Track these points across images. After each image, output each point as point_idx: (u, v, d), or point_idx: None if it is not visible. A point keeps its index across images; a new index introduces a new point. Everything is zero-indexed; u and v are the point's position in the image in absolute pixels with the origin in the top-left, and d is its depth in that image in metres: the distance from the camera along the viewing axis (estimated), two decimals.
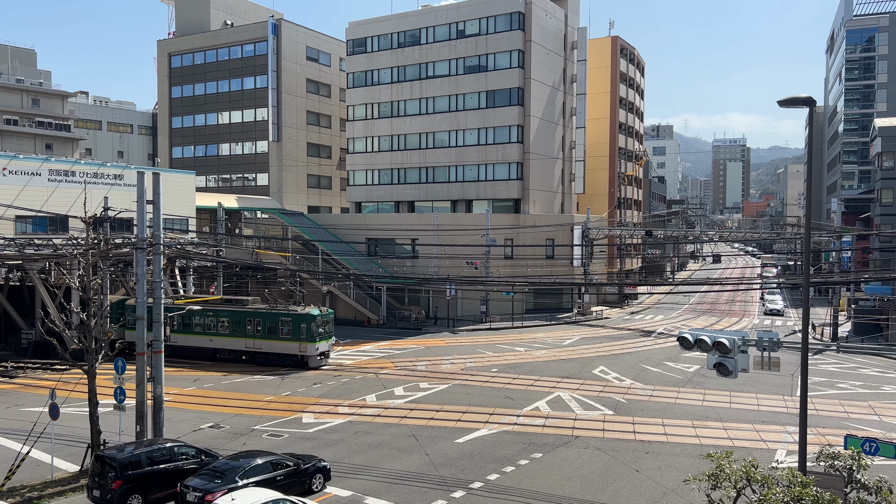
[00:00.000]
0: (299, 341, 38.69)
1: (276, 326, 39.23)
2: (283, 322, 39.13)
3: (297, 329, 38.62)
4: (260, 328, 39.69)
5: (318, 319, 38.78)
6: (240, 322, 40.27)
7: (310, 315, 38.74)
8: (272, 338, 39.32)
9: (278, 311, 39.67)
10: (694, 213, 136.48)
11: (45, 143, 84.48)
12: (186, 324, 41.12)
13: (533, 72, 63.11)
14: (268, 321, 39.51)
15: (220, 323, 40.85)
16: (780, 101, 16.12)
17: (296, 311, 39.22)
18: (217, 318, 40.91)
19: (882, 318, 52.31)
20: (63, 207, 39.14)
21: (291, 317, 38.91)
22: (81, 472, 21.48)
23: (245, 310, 40.48)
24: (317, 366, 39.05)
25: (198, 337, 41.22)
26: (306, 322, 38.57)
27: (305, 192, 75.13)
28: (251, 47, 73.72)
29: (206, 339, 41.18)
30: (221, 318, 40.83)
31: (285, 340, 39.06)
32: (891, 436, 25.21)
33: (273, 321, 39.35)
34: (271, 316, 39.51)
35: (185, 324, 41.10)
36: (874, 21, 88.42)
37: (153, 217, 23.32)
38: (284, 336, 39.04)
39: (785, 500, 12.39)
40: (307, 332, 38.55)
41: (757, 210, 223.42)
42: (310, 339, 38.54)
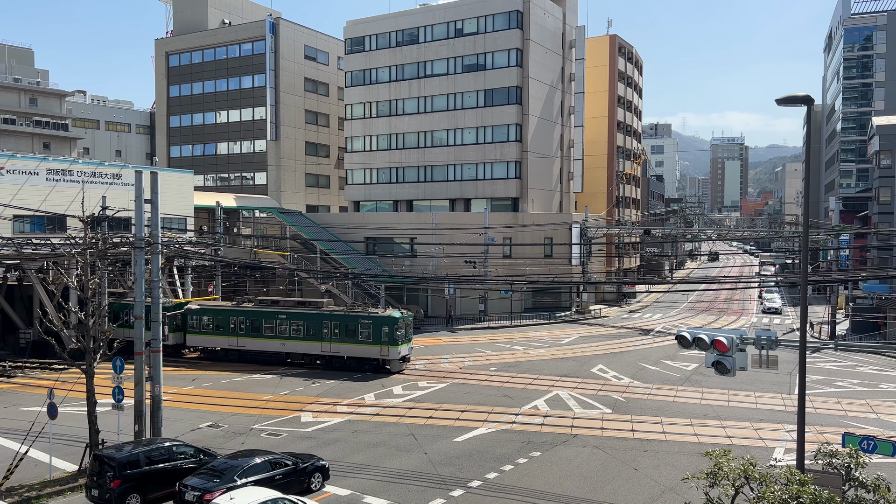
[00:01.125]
0: (380, 345, 36.91)
1: (356, 329, 37.47)
2: (362, 325, 37.36)
3: (378, 332, 36.87)
4: (337, 331, 37.95)
5: (400, 322, 37.06)
6: (315, 325, 38.56)
7: (391, 317, 37.10)
8: (350, 341, 37.60)
9: (357, 313, 38.08)
10: (692, 212, 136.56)
11: (42, 142, 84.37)
12: (256, 327, 39.72)
13: (531, 70, 63.09)
14: (346, 324, 37.81)
15: (292, 326, 39.13)
16: (779, 100, 16.12)
17: (376, 314, 37.71)
18: (290, 321, 39.20)
19: (880, 317, 52.38)
20: (61, 207, 39.09)
21: (372, 319, 37.22)
22: (80, 472, 21.47)
23: (320, 312, 38.77)
24: (398, 370, 37.39)
25: (268, 341, 39.64)
26: (388, 325, 36.84)
27: (304, 191, 75.09)
28: (249, 46, 73.65)
29: (277, 343, 39.49)
30: (294, 322, 39.12)
31: (365, 344, 37.29)
32: (889, 434, 25.26)
33: (352, 324, 37.63)
34: (350, 318, 37.83)
35: (255, 327, 39.74)
36: (872, 19, 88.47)
37: (151, 216, 23.30)
38: (364, 339, 37.29)
39: (783, 498, 12.41)
40: (389, 335, 36.75)
41: (755, 208, 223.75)
42: (391, 342, 36.73)
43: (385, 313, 37.82)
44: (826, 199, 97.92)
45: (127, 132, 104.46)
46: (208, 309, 41.44)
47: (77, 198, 26.71)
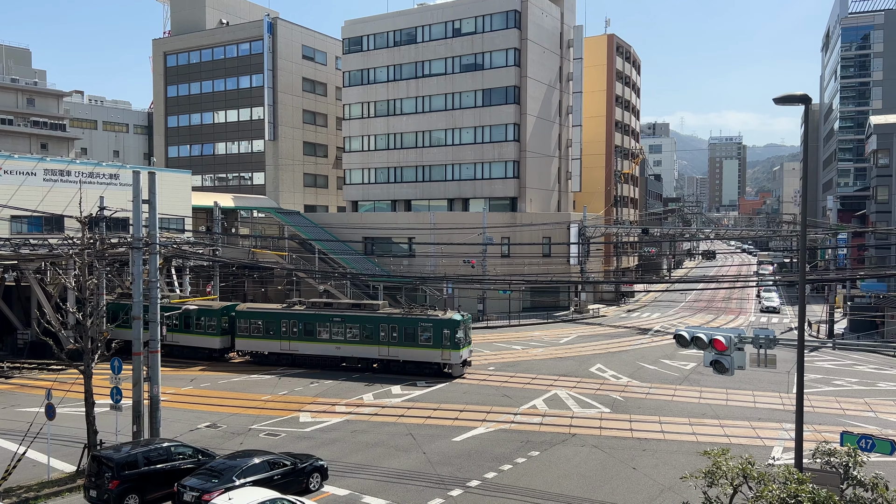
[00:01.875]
0: (441, 348, 35.60)
1: (415, 332, 36.18)
2: (422, 328, 36.03)
3: (439, 335, 35.57)
4: (396, 335, 36.62)
5: (461, 324, 35.82)
6: (372, 328, 37.25)
7: (453, 320, 35.73)
8: (410, 345, 36.30)
9: (416, 315, 36.70)
10: (690, 211, 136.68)
11: (40, 142, 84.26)
12: (309, 331, 38.57)
13: (529, 70, 63.11)
14: (405, 327, 36.49)
15: (348, 329, 37.87)
16: (776, 99, 16.14)
17: (436, 316, 36.32)
18: (345, 323, 37.94)
19: (878, 315, 52.44)
20: (59, 207, 39.00)
21: (432, 322, 35.91)
22: (78, 473, 21.44)
23: (377, 315, 37.41)
24: (459, 374, 36.15)
25: (322, 344, 38.39)
26: (449, 328, 35.48)
27: (302, 191, 75.06)
28: (247, 46, 73.61)
29: (332, 347, 38.20)
30: (350, 324, 37.84)
31: (425, 348, 36.01)
32: (887, 432, 25.29)
33: (411, 327, 36.32)
34: (409, 321, 36.49)
35: (308, 330, 38.61)
36: (869, 18, 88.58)
37: (149, 216, 23.27)
38: (424, 343, 36.00)
39: (781, 497, 12.42)
40: (450, 338, 35.46)
41: (753, 208, 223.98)
42: (453, 345, 35.38)
43: (445, 315, 36.54)
44: (824, 197, 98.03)
45: (125, 132, 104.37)
46: (258, 312, 40.33)
47: (75, 198, 26.67)
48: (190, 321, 41.17)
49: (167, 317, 40.97)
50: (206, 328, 41.06)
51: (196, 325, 41.18)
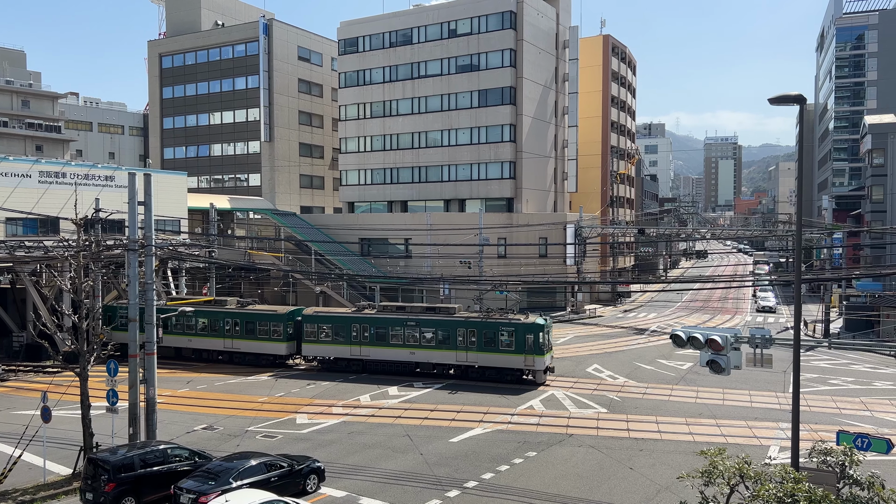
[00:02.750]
0: (524, 354, 34.15)
1: (495, 337, 34.77)
2: (503, 332, 34.64)
3: (522, 340, 34.13)
4: (475, 339, 35.24)
5: (545, 328, 34.50)
6: (448, 333, 35.85)
7: (536, 324, 34.36)
8: (490, 350, 34.89)
9: (497, 319, 35.40)
10: (686, 211, 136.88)
11: (35, 144, 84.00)
12: (381, 335, 37.20)
13: (525, 71, 63.16)
14: (484, 331, 35.15)
15: (423, 334, 36.46)
16: (771, 99, 16.16)
17: (518, 320, 35.03)
18: (420, 328, 36.49)
19: (873, 315, 52.57)
20: (54, 209, 38.93)
21: (514, 326, 34.55)
22: (74, 475, 21.39)
23: (454, 319, 36.12)
24: (542, 381, 34.75)
25: (395, 349, 36.97)
26: (533, 332, 34.09)
27: (298, 192, 74.98)
28: (242, 47, 73.52)
29: (405, 352, 36.70)
30: (425, 329, 36.39)
31: (506, 353, 34.52)
32: (883, 431, 25.35)
33: (491, 331, 34.97)
34: (488, 325, 35.18)
35: (380, 335, 37.23)
36: (864, 19, 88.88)
37: (145, 218, 23.23)
38: (505, 348, 34.53)
39: (778, 497, 12.43)
40: (534, 343, 33.97)
41: (749, 207, 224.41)
42: (537, 351, 33.93)
43: (528, 320, 35.11)
44: (819, 197, 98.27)
45: (120, 134, 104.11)
46: (327, 316, 39.06)
47: (70, 200, 26.63)
48: (253, 327, 39.81)
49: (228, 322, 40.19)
50: (270, 334, 39.50)
51: (260, 331, 39.69)
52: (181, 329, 41.38)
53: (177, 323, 40.98)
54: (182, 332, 41.43)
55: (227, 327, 40.46)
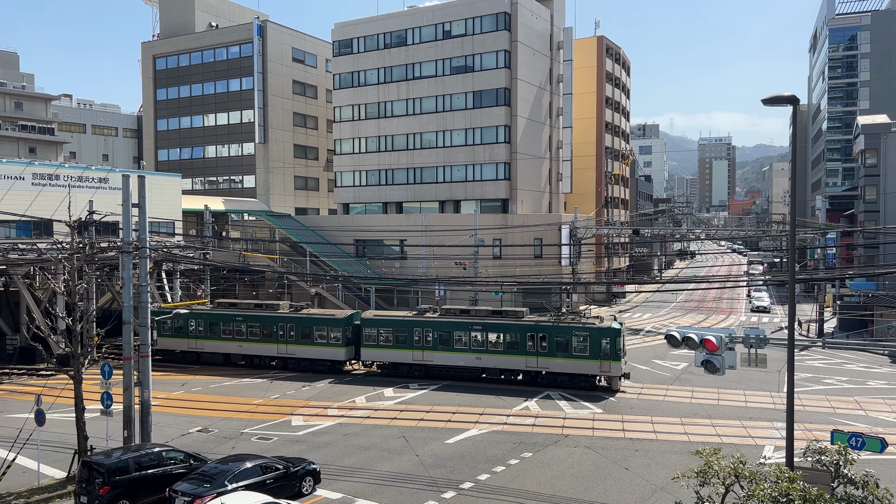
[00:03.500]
0: (599, 359, 32.89)
1: (568, 342, 33.49)
2: (577, 337, 33.36)
3: (597, 345, 32.81)
4: (545, 344, 33.95)
5: (621, 333, 33.12)
6: (518, 337, 34.62)
7: (613, 329, 33.04)
8: (562, 355, 33.60)
9: (569, 323, 33.95)
10: (680, 212, 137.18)
11: (28, 146, 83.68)
12: (445, 340, 36.00)
13: (519, 72, 63.22)
14: (556, 336, 33.75)
15: (489, 338, 35.26)
16: (765, 100, 16.22)
17: (593, 324, 33.64)
18: (486, 332, 35.33)
19: (867, 314, 52.78)
20: (47, 211, 38.79)
21: (589, 331, 33.24)
22: (68, 479, 21.31)
23: (523, 322, 34.83)
24: (618, 388, 33.64)
25: (460, 354, 35.67)
26: (609, 337, 32.78)
27: (293, 193, 74.89)
28: (236, 49, 73.41)
29: (471, 357, 35.54)
30: (492, 333, 35.23)
31: (579, 359, 33.30)
32: (877, 430, 25.46)
33: (563, 336, 33.58)
34: (561, 330, 33.74)
35: (444, 340, 36.03)
36: (856, 20, 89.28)
37: (139, 220, 23.16)
38: (579, 353, 33.30)
39: (773, 496, 12.47)
40: (610, 348, 32.75)
41: (743, 208, 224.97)
42: (613, 356, 32.63)
43: (603, 324, 33.70)
44: (813, 197, 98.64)
45: (114, 136, 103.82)
46: (387, 320, 37.91)
47: (64, 202, 26.52)
48: (309, 331, 38.60)
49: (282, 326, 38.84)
50: (328, 338, 38.26)
51: (317, 336, 38.49)
52: (230, 334, 40.39)
53: (225, 328, 40.34)
54: (231, 337, 40.34)
55: (280, 332, 39.16)
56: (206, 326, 40.85)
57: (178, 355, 41.78)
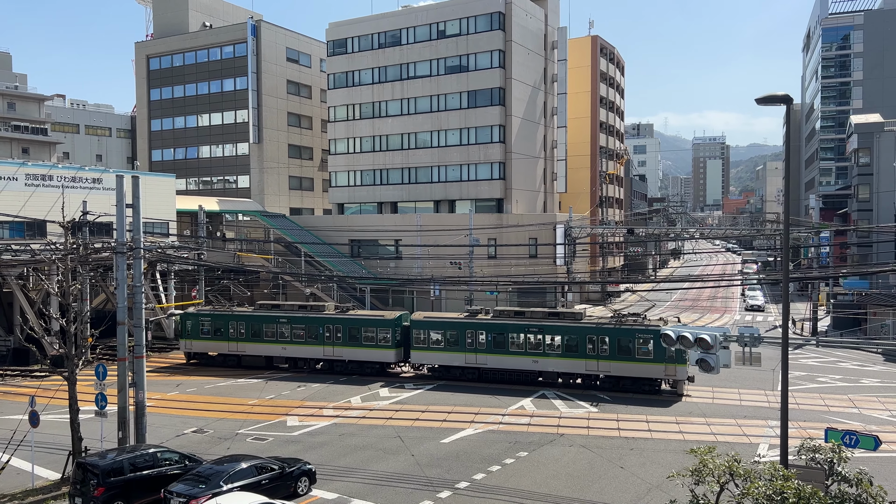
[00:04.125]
0: (664, 363, 31.95)
1: (631, 345, 32.41)
2: (641, 339, 32.27)
3: (662, 347, 31.51)
4: (606, 346, 32.85)
5: None
6: (577, 339, 33.53)
7: None
8: (624, 358, 32.55)
9: (633, 326, 32.88)
10: (675, 211, 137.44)
11: (21, 146, 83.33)
12: (500, 342, 34.97)
13: (514, 72, 63.25)
14: (618, 338, 32.63)
15: (547, 340, 34.21)
16: (758, 99, 16.26)
17: (657, 326, 32.68)
18: (543, 334, 34.23)
19: (860, 313, 53.00)
20: (41, 212, 38.64)
21: (653, 333, 32.18)
22: (63, 480, 21.24)
23: (583, 325, 33.71)
24: (683, 392, 32.74)
25: (516, 357, 34.72)
26: None
27: (287, 193, 74.77)
28: (230, 49, 73.23)
29: (527, 361, 34.51)
30: (550, 335, 34.16)
31: (643, 362, 32.24)
32: (871, 428, 25.56)
33: (626, 338, 32.50)
34: (624, 332, 32.60)
35: (498, 342, 35.01)
36: (849, 19, 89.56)
37: (133, 221, 23.09)
38: (642, 356, 32.24)
39: (767, 494, 12.51)
40: (677, 350, 33.06)
41: (737, 207, 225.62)
42: (679, 359, 31.59)
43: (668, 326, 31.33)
44: (806, 196, 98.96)
45: (107, 136, 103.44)
46: (438, 321, 36.83)
47: (57, 203, 26.42)
48: (357, 333, 37.62)
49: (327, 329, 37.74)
50: (377, 340, 37.29)
51: (365, 338, 37.53)
52: (273, 337, 39.54)
53: (268, 330, 39.52)
54: (275, 339, 39.48)
55: (327, 334, 38.22)
56: (247, 329, 39.97)
57: (217, 359, 41.19)
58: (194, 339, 41.27)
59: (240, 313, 40.57)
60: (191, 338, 41.40)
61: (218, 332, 40.67)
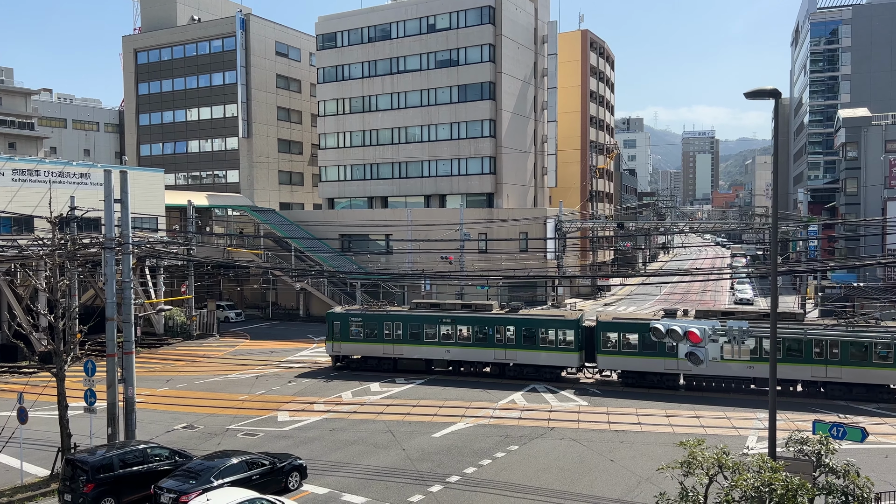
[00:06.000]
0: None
1: (867, 351, 29.68)
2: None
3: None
4: (836, 352, 30.03)
5: None
6: (801, 345, 30.32)
7: None
8: (860, 363, 29.60)
9: (876, 331, 29.26)
10: (665, 205, 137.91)
11: (7, 141, 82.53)
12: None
13: (504, 66, 63.19)
14: (854, 345, 29.33)
15: (762, 345, 30.72)
16: (747, 94, 16.31)
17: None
18: (760, 339, 29.92)
19: (848, 306, 53.41)
20: (28, 207, 38.31)
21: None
22: (52, 477, 21.13)
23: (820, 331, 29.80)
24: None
25: (737, 364, 30.77)
26: None
27: (277, 188, 74.47)
28: (219, 43, 72.76)
29: (741, 367, 30.86)
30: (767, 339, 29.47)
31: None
32: (858, 420, 25.78)
33: (858, 345, 29.19)
34: (857, 344, 29.16)
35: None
36: (837, 14, 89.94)
37: (121, 216, 22.95)
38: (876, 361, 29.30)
39: (755, 486, 12.61)
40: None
41: (726, 201, 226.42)
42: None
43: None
44: (795, 190, 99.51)
45: (95, 131, 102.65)
46: (631, 323, 33.14)
47: (44, 198, 26.22)
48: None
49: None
50: (556, 342, 34.05)
51: (542, 339, 34.44)
52: (434, 338, 36.27)
53: (429, 331, 36.35)
54: (436, 341, 36.18)
55: (497, 335, 35.03)
56: (404, 329, 36.66)
57: (370, 362, 37.93)
58: (343, 342, 37.83)
59: (396, 313, 37.48)
60: (339, 340, 37.87)
61: (371, 334, 37.36)
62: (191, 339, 49.41)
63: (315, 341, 47.58)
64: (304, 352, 44.31)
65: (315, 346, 45.80)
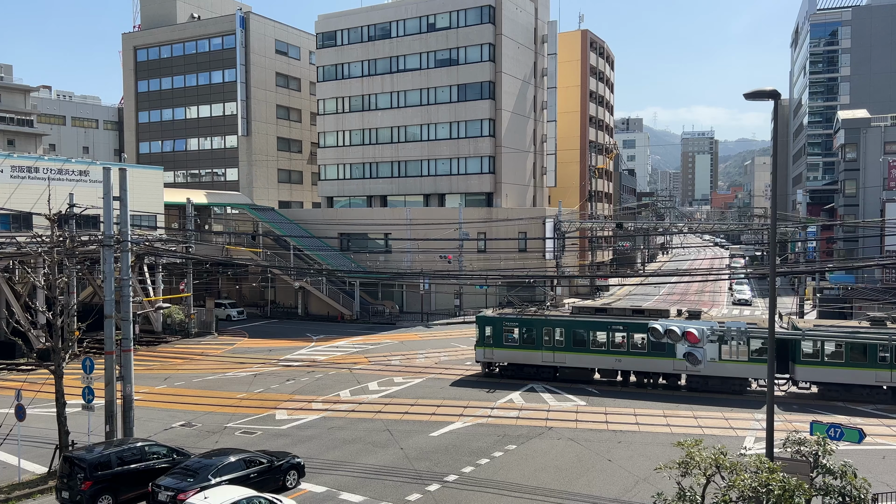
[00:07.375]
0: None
1: None
2: None
3: None
4: None
5: None
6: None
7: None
8: None
9: None
10: (664, 206, 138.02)
11: (6, 138, 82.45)
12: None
13: (504, 65, 63.18)
14: None
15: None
16: (746, 94, 16.32)
17: None
18: None
19: (846, 307, 53.46)
20: (26, 204, 38.24)
21: None
22: (50, 474, 21.12)
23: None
24: None
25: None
26: None
27: (276, 187, 74.45)
28: (219, 41, 72.70)
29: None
30: None
31: None
32: (855, 421, 25.81)
33: None
34: None
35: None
36: (837, 15, 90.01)
37: (120, 213, 22.93)
38: None
39: (753, 486, 12.63)
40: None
41: (725, 202, 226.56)
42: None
43: None
44: (794, 191, 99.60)
45: (94, 128, 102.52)
46: (836, 332, 30.25)
47: (43, 195, 26.21)
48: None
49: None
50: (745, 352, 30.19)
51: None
52: (603, 346, 33.35)
53: (596, 338, 33.36)
54: (605, 349, 33.34)
55: None
56: (567, 336, 33.99)
57: (527, 370, 34.96)
58: (496, 348, 35.14)
59: (556, 318, 35.02)
60: (491, 345, 35.17)
61: (528, 340, 34.75)
62: (189, 338, 49.39)
63: (314, 340, 47.57)
64: (303, 350, 44.31)
65: (314, 345, 45.80)
